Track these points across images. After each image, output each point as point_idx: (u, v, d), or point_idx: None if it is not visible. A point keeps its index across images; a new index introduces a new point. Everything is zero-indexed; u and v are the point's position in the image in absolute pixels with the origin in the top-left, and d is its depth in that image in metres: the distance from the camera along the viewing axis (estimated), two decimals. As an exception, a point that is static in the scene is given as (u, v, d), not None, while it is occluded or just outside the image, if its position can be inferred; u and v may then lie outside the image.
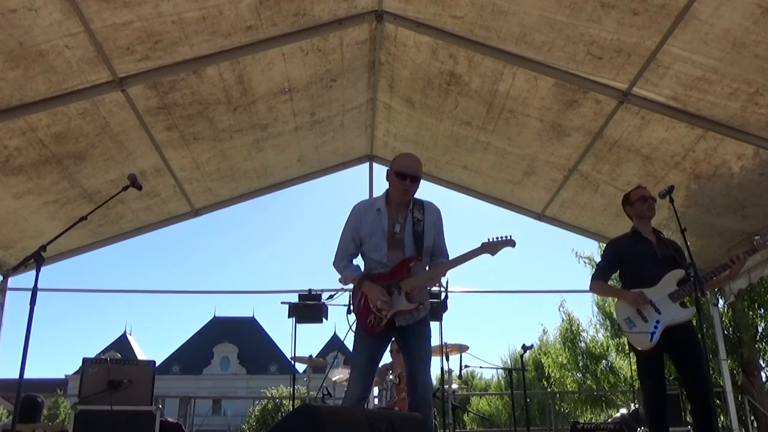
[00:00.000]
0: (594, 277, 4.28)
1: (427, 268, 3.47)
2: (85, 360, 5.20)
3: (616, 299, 4.22)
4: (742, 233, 6.04)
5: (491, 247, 3.33)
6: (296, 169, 7.26)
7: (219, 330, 48.91)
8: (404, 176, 3.36)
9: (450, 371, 5.88)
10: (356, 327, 3.46)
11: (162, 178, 6.19)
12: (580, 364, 16.49)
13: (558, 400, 15.72)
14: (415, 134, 6.78)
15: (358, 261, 3.59)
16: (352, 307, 3.50)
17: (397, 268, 3.35)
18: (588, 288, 4.38)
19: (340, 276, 3.53)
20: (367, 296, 3.36)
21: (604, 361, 16.13)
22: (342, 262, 3.48)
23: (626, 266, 4.20)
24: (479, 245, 3.33)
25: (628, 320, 3.94)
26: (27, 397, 5.73)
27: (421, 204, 3.48)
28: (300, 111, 6.01)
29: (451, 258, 3.43)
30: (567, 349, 16.91)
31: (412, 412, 3.16)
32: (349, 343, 3.56)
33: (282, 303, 7.02)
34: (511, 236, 3.37)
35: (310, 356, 6.77)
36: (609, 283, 4.37)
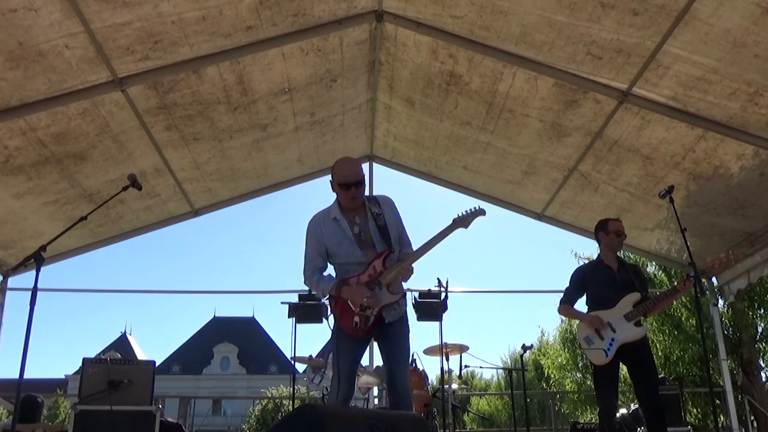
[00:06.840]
0: (561, 301, 4.70)
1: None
2: (85, 360, 5.21)
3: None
4: (741, 233, 6.05)
5: (464, 221, 3.33)
6: (296, 169, 7.26)
7: (219, 330, 48.84)
8: (348, 186, 3.36)
9: (450, 371, 5.86)
10: (338, 331, 3.43)
11: (162, 178, 6.19)
12: (580, 365, 16.47)
13: (558, 400, 15.69)
14: (415, 134, 6.78)
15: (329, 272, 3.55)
16: (332, 315, 3.44)
17: (370, 264, 3.35)
18: (557, 309, 4.74)
19: (315, 291, 3.49)
20: (347, 300, 3.32)
21: (604, 361, 16.09)
22: (314, 276, 3.43)
23: (589, 290, 4.62)
24: (451, 221, 3.33)
25: (587, 338, 4.40)
26: (27, 397, 5.74)
27: (375, 199, 3.49)
28: (300, 111, 6.01)
29: (423, 243, 3.36)
30: (566, 350, 16.89)
31: (412, 412, 3.17)
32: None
33: (282, 303, 6.99)
34: (479, 207, 3.38)
35: (310, 356, 6.76)
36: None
